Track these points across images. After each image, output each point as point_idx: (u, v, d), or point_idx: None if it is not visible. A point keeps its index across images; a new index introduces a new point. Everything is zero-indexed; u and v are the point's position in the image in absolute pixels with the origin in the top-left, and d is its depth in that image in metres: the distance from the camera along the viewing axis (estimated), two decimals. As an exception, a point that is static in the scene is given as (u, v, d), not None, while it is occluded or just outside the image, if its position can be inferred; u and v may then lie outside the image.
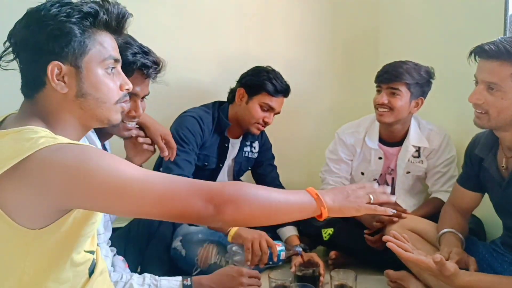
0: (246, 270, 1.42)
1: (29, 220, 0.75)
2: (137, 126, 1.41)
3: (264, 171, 2.13)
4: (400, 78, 1.82)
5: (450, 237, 1.48)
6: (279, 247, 1.61)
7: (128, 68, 1.24)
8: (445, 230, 1.52)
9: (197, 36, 2.25)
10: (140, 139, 1.43)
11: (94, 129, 1.28)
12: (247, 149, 2.07)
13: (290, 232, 1.87)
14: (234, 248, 1.60)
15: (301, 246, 1.70)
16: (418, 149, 1.95)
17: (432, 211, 1.85)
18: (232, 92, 1.97)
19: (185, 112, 1.93)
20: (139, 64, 1.29)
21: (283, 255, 1.61)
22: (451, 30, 2.05)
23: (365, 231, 1.83)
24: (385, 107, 1.85)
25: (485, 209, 1.58)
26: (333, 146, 2.10)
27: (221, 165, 1.99)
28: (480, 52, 1.28)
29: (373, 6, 2.53)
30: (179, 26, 2.21)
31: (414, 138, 1.94)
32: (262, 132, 2.05)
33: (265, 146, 2.14)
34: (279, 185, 2.11)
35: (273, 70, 1.93)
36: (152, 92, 1.52)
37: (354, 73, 2.56)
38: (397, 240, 1.31)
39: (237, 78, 1.98)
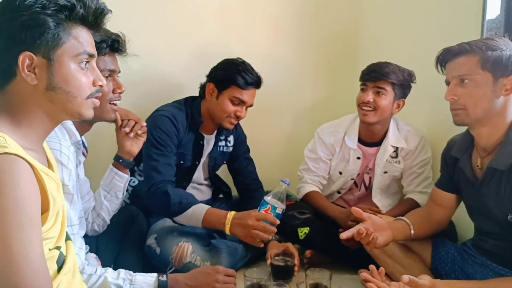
0: (222, 268, 1.42)
1: None
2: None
3: (240, 165, 2.11)
4: (387, 77, 1.85)
5: (397, 223, 1.54)
6: (269, 210, 1.56)
7: (100, 47, 1.25)
8: (399, 217, 1.58)
9: (178, 31, 2.22)
10: (127, 129, 1.50)
11: (73, 120, 1.26)
12: (222, 143, 2.04)
13: None
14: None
15: (286, 181, 1.60)
16: (396, 150, 1.99)
17: (406, 211, 1.83)
18: (203, 88, 1.92)
19: (157, 110, 1.87)
20: (110, 42, 1.30)
21: (279, 210, 1.56)
22: (429, 34, 2.08)
23: (340, 229, 1.84)
24: (369, 106, 1.88)
25: (457, 211, 1.60)
26: (312, 145, 2.12)
27: (197, 163, 1.96)
28: (445, 54, 1.34)
29: (353, 7, 2.55)
30: (160, 19, 2.17)
31: (392, 138, 1.98)
32: (237, 125, 2.00)
33: (240, 138, 2.10)
34: (256, 179, 2.10)
35: (243, 62, 1.86)
36: (131, 85, 1.51)
37: (334, 72, 2.58)
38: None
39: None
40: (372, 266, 1.36)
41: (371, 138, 2.01)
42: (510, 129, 1.30)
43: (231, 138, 2.07)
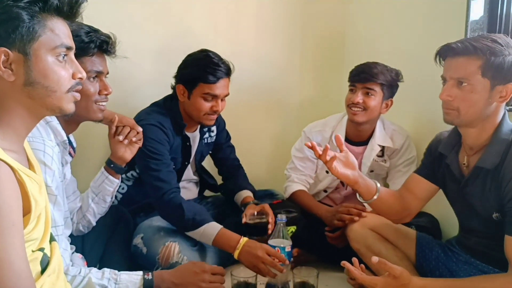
0: (209, 266, 1.40)
1: None
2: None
3: (224, 154, 2.10)
4: (376, 78, 1.87)
5: (369, 180, 1.49)
6: (279, 252, 1.50)
7: (88, 48, 1.24)
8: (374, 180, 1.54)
9: (165, 29, 2.20)
10: (121, 137, 1.48)
11: (59, 119, 1.24)
12: (206, 135, 2.01)
13: (245, 194, 1.94)
14: None
15: (282, 218, 1.56)
16: (382, 149, 2.01)
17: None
18: (174, 90, 1.85)
19: (140, 119, 1.74)
20: (98, 42, 1.27)
21: (288, 249, 1.52)
22: (414, 34, 2.11)
23: (326, 228, 1.86)
24: (359, 107, 1.89)
25: (441, 208, 1.62)
26: (300, 144, 2.12)
27: (186, 163, 1.94)
28: (447, 50, 1.31)
29: (340, 7, 2.57)
30: (147, 17, 2.15)
31: (379, 137, 2.00)
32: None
33: (221, 126, 2.08)
34: (239, 166, 2.11)
35: (206, 56, 1.76)
36: (117, 84, 1.49)
37: (321, 71, 2.59)
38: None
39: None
40: (354, 259, 1.37)
41: (358, 137, 2.03)
42: (497, 129, 1.31)
43: (213, 128, 2.05)
